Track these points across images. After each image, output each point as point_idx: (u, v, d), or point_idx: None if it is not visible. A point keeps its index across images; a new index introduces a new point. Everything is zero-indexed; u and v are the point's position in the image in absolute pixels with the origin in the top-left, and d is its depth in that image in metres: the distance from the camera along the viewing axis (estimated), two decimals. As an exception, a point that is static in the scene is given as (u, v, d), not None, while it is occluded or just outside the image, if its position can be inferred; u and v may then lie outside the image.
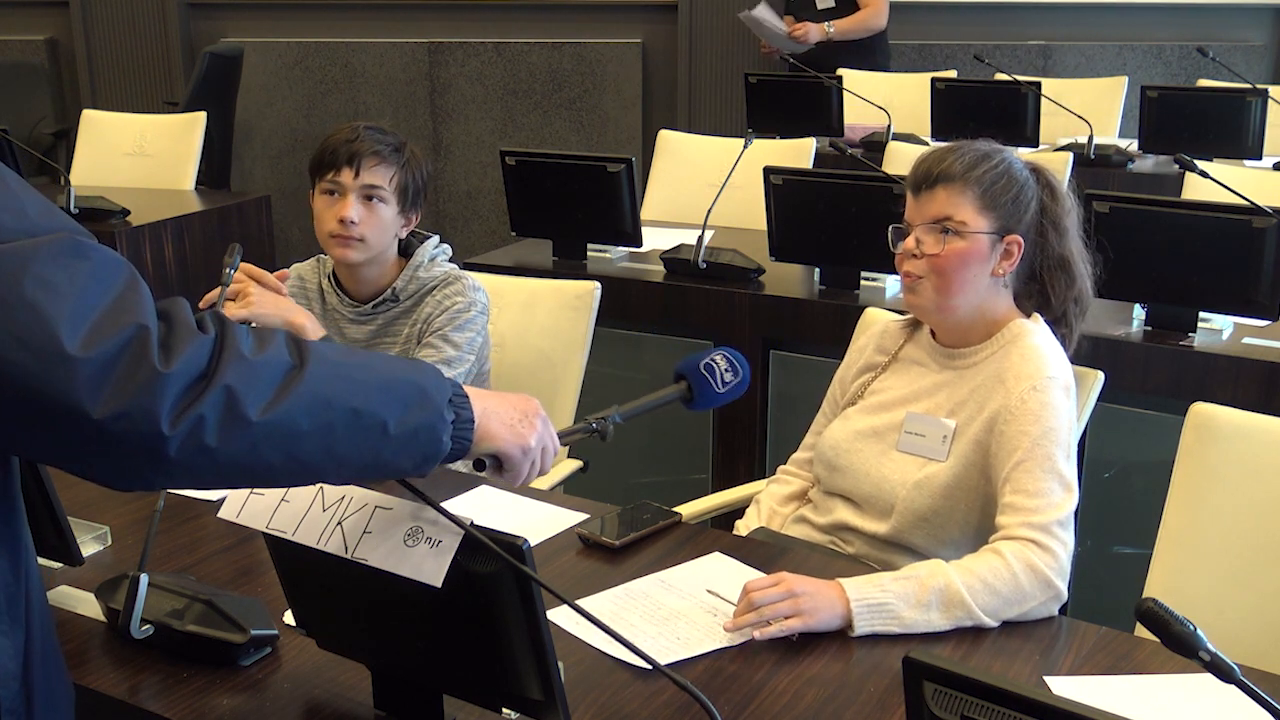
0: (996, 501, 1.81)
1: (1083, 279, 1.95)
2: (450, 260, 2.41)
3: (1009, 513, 1.76)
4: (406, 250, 2.38)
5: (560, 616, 1.57)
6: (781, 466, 2.18)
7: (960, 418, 1.90)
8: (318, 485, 1.34)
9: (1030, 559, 1.69)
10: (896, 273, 3.10)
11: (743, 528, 2.08)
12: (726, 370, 1.56)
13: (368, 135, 2.26)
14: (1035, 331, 1.91)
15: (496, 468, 1.30)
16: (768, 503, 2.12)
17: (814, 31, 5.19)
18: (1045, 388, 1.82)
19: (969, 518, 1.87)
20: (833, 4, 5.28)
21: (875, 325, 2.16)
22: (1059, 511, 1.74)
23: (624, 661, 1.53)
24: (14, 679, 1.11)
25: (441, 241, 2.41)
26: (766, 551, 1.87)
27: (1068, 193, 1.96)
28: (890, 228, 1.97)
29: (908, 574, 1.68)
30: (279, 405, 1.04)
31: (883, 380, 2.05)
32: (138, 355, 0.97)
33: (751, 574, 1.79)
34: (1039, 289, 1.94)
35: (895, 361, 2.05)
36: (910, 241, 1.91)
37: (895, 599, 1.63)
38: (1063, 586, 1.70)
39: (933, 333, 2.01)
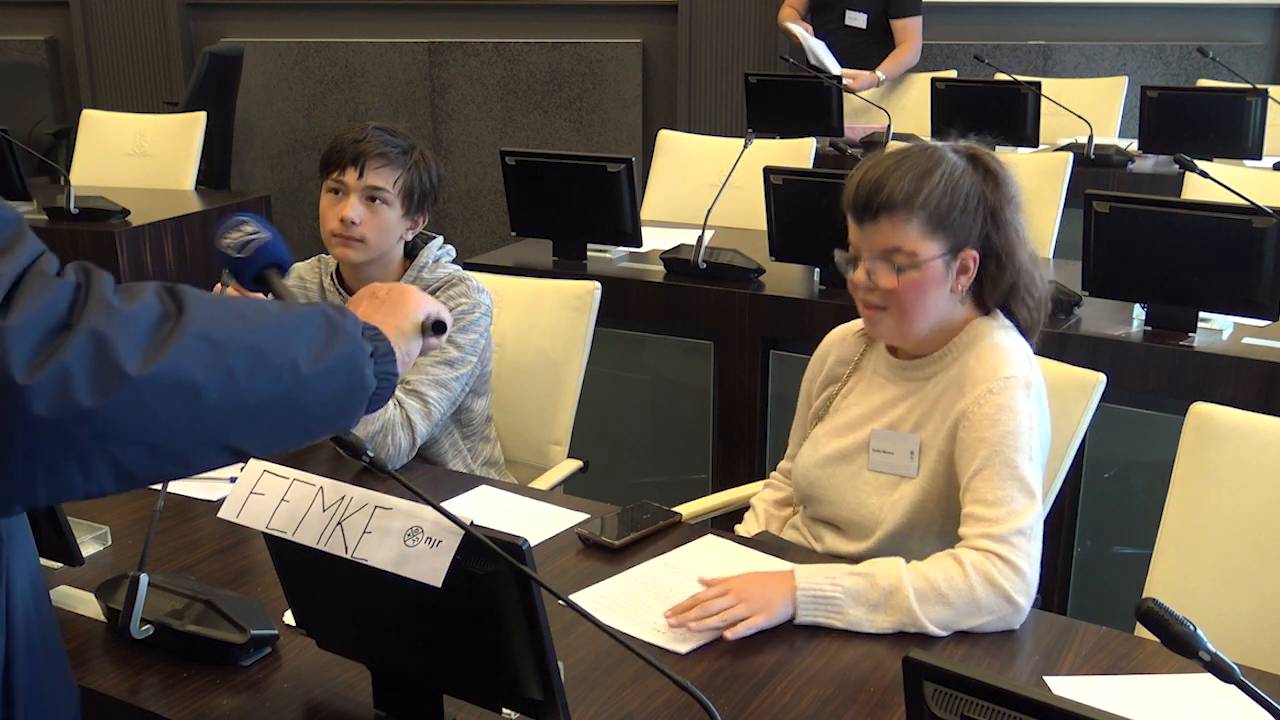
0: (961, 505, 1.76)
1: (1021, 267, 1.83)
2: (453, 261, 2.41)
3: (969, 523, 1.71)
4: (411, 251, 2.37)
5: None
6: (772, 473, 2.17)
7: (925, 431, 1.85)
8: (317, 485, 1.34)
9: (990, 573, 1.63)
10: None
11: (743, 532, 2.08)
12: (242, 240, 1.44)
13: (375, 136, 2.25)
14: (993, 330, 1.84)
15: (439, 330, 1.30)
16: (763, 507, 2.11)
17: (867, 80, 5.10)
18: (1001, 389, 1.76)
19: (946, 527, 1.83)
20: (863, 26, 5.24)
21: (834, 334, 2.08)
22: (1020, 520, 1.68)
23: (630, 651, 1.53)
24: None
25: (445, 243, 2.41)
26: (766, 551, 1.87)
27: (1008, 175, 1.82)
28: (835, 253, 1.86)
29: (863, 570, 1.65)
30: (161, 355, 0.92)
31: (847, 396, 1.99)
32: None
33: (749, 555, 1.81)
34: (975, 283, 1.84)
35: (856, 372, 2.00)
36: (861, 274, 1.81)
37: (843, 594, 1.61)
38: (1024, 600, 1.64)
39: (889, 346, 1.94)
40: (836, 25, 5.24)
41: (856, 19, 5.25)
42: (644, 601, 1.69)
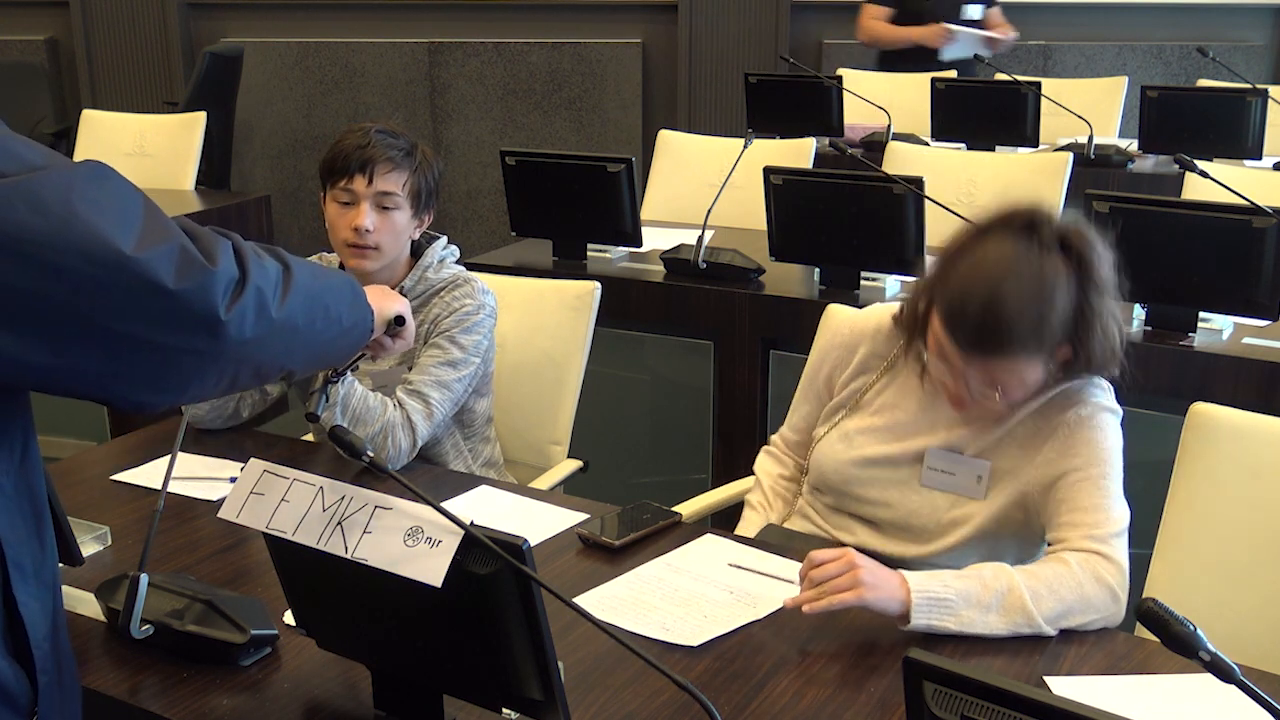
0: (1050, 521, 1.78)
1: (1118, 332, 1.80)
2: (456, 262, 2.40)
3: (1066, 529, 1.74)
4: (416, 250, 2.36)
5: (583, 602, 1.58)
6: (774, 438, 2.16)
7: (997, 458, 1.84)
8: (317, 485, 1.34)
9: (1098, 570, 1.68)
10: (896, 272, 3.12)
11: (750, 514, 2.08)
12: None
13: (379, 140, 2.22)
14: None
15: (399, 332, 1.66)
16: (770, 484, 2.10)
17: (1011, 38, 5.10)
18: (1091, 413, 1.80)
19: (1000, 551, 1.83)
20: (979, 17, 5.17)
21: (864, 322, 2.04)
22: (1118, 524, 1.74)
23: (630, 651, 1.53)
24: (45, 640, 1.18)
25: (449, 243, 2.40)
26: (771, 550, 1.86)
27: (1100, 257, 1.77)
28: (929, 362, 1.81)
29: (970, 573, 1.66)
30: (286, 304, 1.19)
31: (884, 394, 1.96)
32: (188, 257, 1.10)
33: (752, 554, 1.81)
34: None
35: (891, 370, 1.97)
36: (962, 389, 1.78)
37: (956, 596, 1.61)
38: (1125, 599, 1.68)
39: None
40: (952, 18, 5.19)
41: (973, 11, 5.19)
42: (647, 601, 1.70)
